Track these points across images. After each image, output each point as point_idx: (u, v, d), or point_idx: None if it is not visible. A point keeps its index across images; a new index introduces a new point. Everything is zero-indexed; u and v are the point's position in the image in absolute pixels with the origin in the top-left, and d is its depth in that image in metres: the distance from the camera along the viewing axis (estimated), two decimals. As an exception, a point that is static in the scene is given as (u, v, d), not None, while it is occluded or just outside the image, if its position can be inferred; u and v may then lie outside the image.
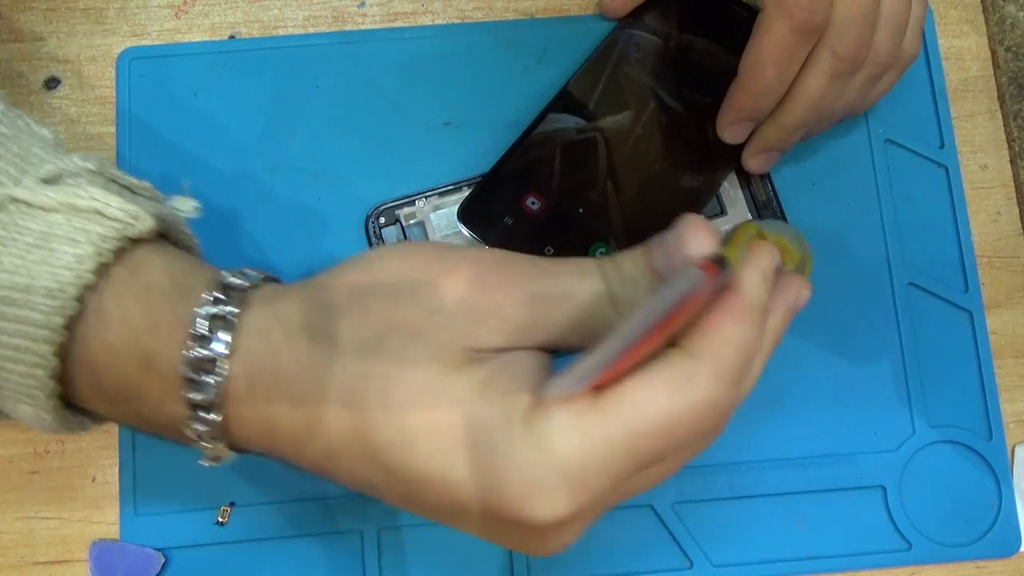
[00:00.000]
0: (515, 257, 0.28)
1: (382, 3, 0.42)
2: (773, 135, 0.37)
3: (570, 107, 0.38)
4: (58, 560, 0.37)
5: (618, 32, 0.39)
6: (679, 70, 0.39)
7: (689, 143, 0.38)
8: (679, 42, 0.39)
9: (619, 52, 0.39)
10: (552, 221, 0.37)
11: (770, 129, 0.37)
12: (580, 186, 0.37)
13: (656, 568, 0.37)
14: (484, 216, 0.37)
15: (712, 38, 0.39)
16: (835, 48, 0.34)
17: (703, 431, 0.25)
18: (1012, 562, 0.38)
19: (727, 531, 0.37)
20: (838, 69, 0.34)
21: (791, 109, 0.36)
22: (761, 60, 0.34)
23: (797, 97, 0.35)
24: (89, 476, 0.38)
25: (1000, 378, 0.39)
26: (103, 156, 0.33)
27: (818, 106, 0.35)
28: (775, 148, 0.38)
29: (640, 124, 0.38)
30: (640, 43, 0.39)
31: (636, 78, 0.39)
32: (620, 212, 0.37)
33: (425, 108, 0.40)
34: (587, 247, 0.37)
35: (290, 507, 0.37)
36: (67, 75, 0.41)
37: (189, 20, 0.41)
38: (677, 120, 0.38)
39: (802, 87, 0.35)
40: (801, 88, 0.35)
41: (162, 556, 0.36)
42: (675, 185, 0.38)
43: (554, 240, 0.37)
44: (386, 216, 0.38)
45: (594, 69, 0.39)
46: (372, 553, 0.37)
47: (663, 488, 0.37)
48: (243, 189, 0.39)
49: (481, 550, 0.37)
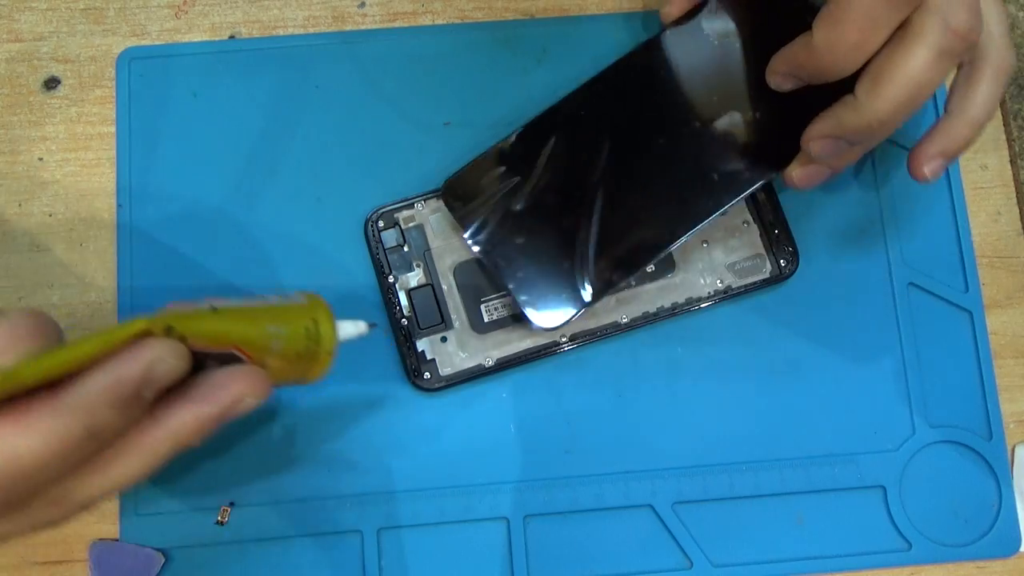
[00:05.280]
0: None
1: (382, 3, 0.42)
2: (846, 128, 0.31)
3: (589, 100, 0.37)
4: (58, 560, 0.37)
5: (663, 35, 0.38)
6: (720, 81, 0.37)
7: (704, 163, 0.37)
8: (727, 49, 0.37)
9: (659, 55, 0.38)
10: (531, 212, 0.37)
11: (839, 122, 0.31)
12: (569, 182, 0.37)
13: (656, 568, 0.37)
14: (467, 195, 0.37)
15: (767, 46, 0.36)
16: (947, 16, 0.28)
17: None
18: (1012, 562, 0.38)
19: (727, 531, 0.37)
20: (948, 45, 0.29)
21: (879, 93, 0.30)
22: (841, 18, 0.29)
23: (890, 77, 0.29)
24: (89, 476, 0.38)
25: (1000, 378, 0.39)
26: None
27: (917, 93, 0.29)
28: (833, 157, 0.33)
29: (660, 132, 0.37)
30: (685, 47, 0.37)
31: (667, 85, 0.37)
32: (600, 218, 0.37)
33: (425, 108, 0.40)
34: (562, 245, 0.37)
35: (290, 507, 0.37)
36: (67, 75, 0.41)
37: (189, 20, 0.41)
38: (699, 137, 0.37)
39: (899, 63, 0.29)
40: (899, 65, 0.29)
41: (162, 556, 0.36)
42: (671, 201, 0.37)
43: (530, 233, 0.37)
44: (385, 219, 0.38)
45: (626, 67, 0.38)
46: (372, 553, 0.37)
47: (663, 488, 0.37)
48: (242, 189, 0.39)
49: (481, 550, 0.37)
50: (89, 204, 0.39)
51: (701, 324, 0.39)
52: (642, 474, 0.38)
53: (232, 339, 0.27)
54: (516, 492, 0.37)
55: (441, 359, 0.38)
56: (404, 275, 0.38)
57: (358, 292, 0.38)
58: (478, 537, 0.37)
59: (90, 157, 0.40)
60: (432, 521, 0.37)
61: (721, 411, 0.38)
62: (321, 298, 0.30)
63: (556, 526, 0.37)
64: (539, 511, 0.37)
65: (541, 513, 0.37)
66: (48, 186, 0.40)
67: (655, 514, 0.38)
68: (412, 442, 0.38)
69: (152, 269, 0.38)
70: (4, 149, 0.40)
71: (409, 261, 0.38)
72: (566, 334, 0.38)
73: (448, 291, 0.38)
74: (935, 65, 0.29)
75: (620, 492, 0.37)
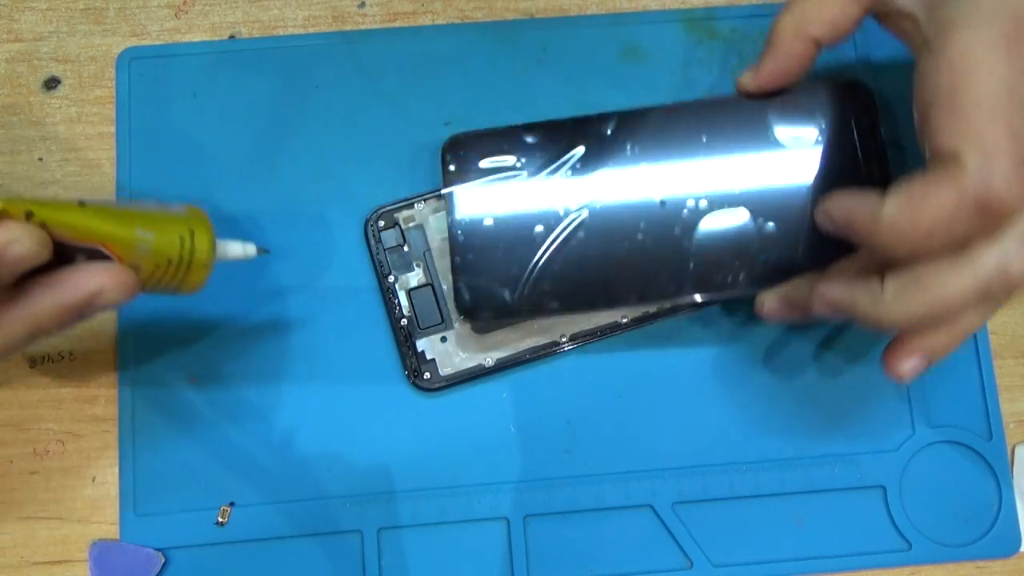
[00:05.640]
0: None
1: (382, 3, 0.42)
2: (855, 309, 0.30)
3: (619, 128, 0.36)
4: (58, 560, 0.37)
5: (724, 99, 0.36)
6: (752, 177, 0.36)
7: (691, 246, 0.35)
8: (778, 148, 0.36)
9: (706, 116, 0.36)
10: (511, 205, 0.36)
11: (852, 299, 0.30)
12: (559, 195, 0.36)
13: (656, 568, 0.37)
14: (466, 159, 0.36)
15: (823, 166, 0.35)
16: (1009, 255, 0.27)
17: None
18: (1012, 562, 0.38)
19: (727, 531, 0.37)
20: (993, 284, 0.28)
21: (907, 299, 0.29)
22: (920, 205, 0.27)
23: (926, 286, 0.28)
24: (89, 476, 0.38)
25: (1000, 378, 0.39)
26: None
27: (942, 316, 0.29)
28: (826, 316, 0.32)
29: (665, 191, 0.36)
30: (737, 125, 0.36)
31: (697, 151, 0.36)
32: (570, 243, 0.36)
33: (425, 108, 0.40)
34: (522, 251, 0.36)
35: (290, 507, 0.37)
36: (67, 75, 0.41)
37: (189, 20, 0.41)
38: (698, 216, 0.35)
39: (941, 278, 0.28)
40: (940, 280, 0.28)
41: (162, 556, 0.36)
42: (639, 263, 0.35)
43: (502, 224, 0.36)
44: (385, 219, 0.38)
45: (668, 113, 0.36)
46: (372, 553, 0.37)
47: (663, 488, 0.37)
48: (242, 189, 0.39)
49: (481, 550, 0.37)
50: (89, 204, 0.39)
51: (701, 324, 0.39)
52: (642, 474, 0.38)
53: (97, 235, 0.28)
54: (516, 492, 0.37)
55: (441, 359, 0.38)
56: (404, 275, 0.38)
57: (358, 292, 0.38)
58: (478, 537, 0.37)
59: (90, 157, 0.40)
60: (432, 521, 0.37)
61: (721, 411, 0.38)
62: (203, 212, 0.32)
63: (556, 526, 0.37)
64: (539, 511, 0.37)
65: (541, 513, 0.37)
66: (48, 186, 0.40)
67: (655, 514, 0.38)
68: (412, 442, 0.38)
69: (152, 269, 0.38)
70: (4, 149, 0.40)
71: (409, 261, 0.38)
72: (566, 333, 0.38)
73: (448, 291, 0.38)
74: (972, 297, 0.28)
75: (620, 492, 0.37)
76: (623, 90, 0.40)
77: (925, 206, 0.27)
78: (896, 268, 0.29)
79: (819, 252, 0.34)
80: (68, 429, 0.38)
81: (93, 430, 0.38)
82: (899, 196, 0.28)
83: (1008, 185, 0.26)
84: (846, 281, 0.31)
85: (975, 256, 0.28)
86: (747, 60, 0.41)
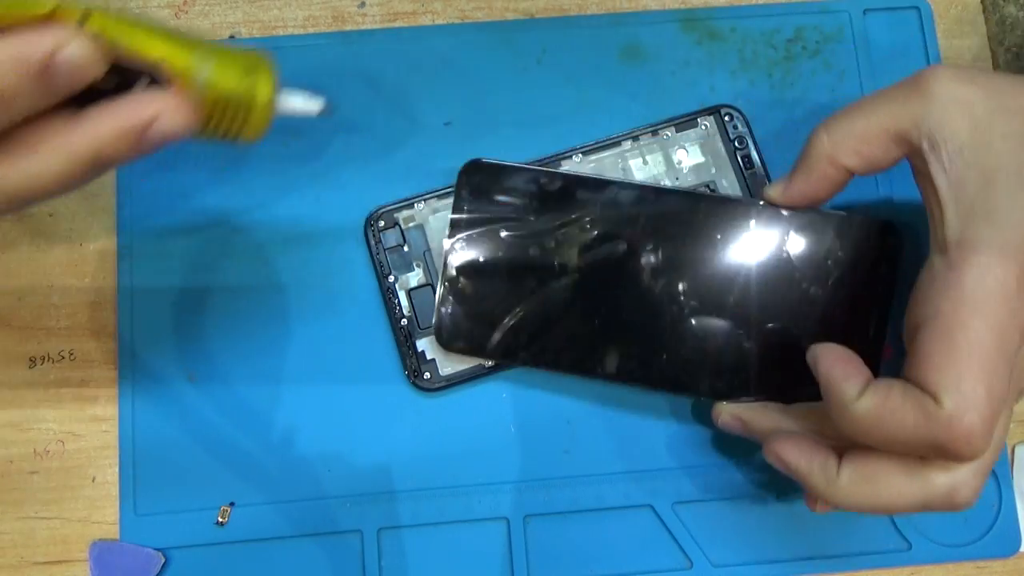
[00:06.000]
0: None
1: (382, 3, 0.42)
2: (805, 470, 0.31)
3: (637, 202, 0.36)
4: (58, 560, 0.37)
5: (746, 203, 0.36)
6: (755, 286, 0.35)
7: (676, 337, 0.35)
8: (786, 267, 0.35)
9: (721, 215, 0.36)
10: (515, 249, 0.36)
11: (809, 471, 0.31)
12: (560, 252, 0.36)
13: (656, 568, 0.37)
14: (480, 186, 0.36)
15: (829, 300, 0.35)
16: (956, 486, 0.29)
17: None
18: (1012, 562, 0.38)
19: (727, 531, 0.37)
20: (933, 501, 0.29)
21: (858, 490, 0.30)
22: (879, 425, 0.28)
23: (877, 479, 0.30)
24: (89, 476, 0.38)
25: (1000, 378, 0.39)
26: None
27: (885, 511, 0.30)
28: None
29: (661, 276, 0.36)
30: (755, 232, 0.35)
31: (705, 246, 0.36)
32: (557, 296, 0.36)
33: (425, 108, 0.40)
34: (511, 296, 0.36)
35: (290, 507, 0.37)
36: (67, 75, 0.41)
37: (189, 20, 0.41)
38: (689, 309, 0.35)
39: (891, 478, 0.30)
40: (889, 479, 0.30)
41: (162, 556, 0.36)
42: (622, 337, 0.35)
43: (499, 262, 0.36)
44: (385, 219, 0.38)
45: (685, 201, 0.36)
46: (372, 553, 0.37)
47: (663, 488, 0.37)
48: (242, 190, 0.39)
49: (481, 550, 0.37)
50: (89, 204, 0.39)
51: (701, 324, 0.39)
52: (642, 474, 0.38)
53: (156, 52, 0.27)
54: (516, 492, 0.37)
55: (441, 359, 0.38)
56: (404, 275, 0.38)
57: (358, 292, 0.38)
58: (478, 537, 0.37)
59: (90, 157, 0.40)
60: (432, 521, 0.37)
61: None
62: (268, 58, 0.30)
63: (556, 526, 0.37)
64: (539, 511, 0.37)
65: (541, 513, 0.37)
66: (48, 186, 0.40)
67: (655, 514, 0.38)
68: (412, 442, 0.38)
69: (152, 269, 0.38)
70: (4, 149, 0.40)
71: (409, 261, 0.38)
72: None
73: (448, 291, 0.38)
74: (917, 507, 0.30)
75: (620, 492, 0.37)
76: (623, 90, 0.40)
77: (894, 421, 0.28)
78: (854, 453, 0.30)
79: (793, 383, 0.34)
80: (68, 429, 0.38)
81: (93, 430, 0.38)
82: (875, 397, 0.29)
83: (973, 440, 0.27)
84: (804, 448, 0.31)
85: (929, 474, 0.29)
86: (747, 60, 0.41)
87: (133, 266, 0.38)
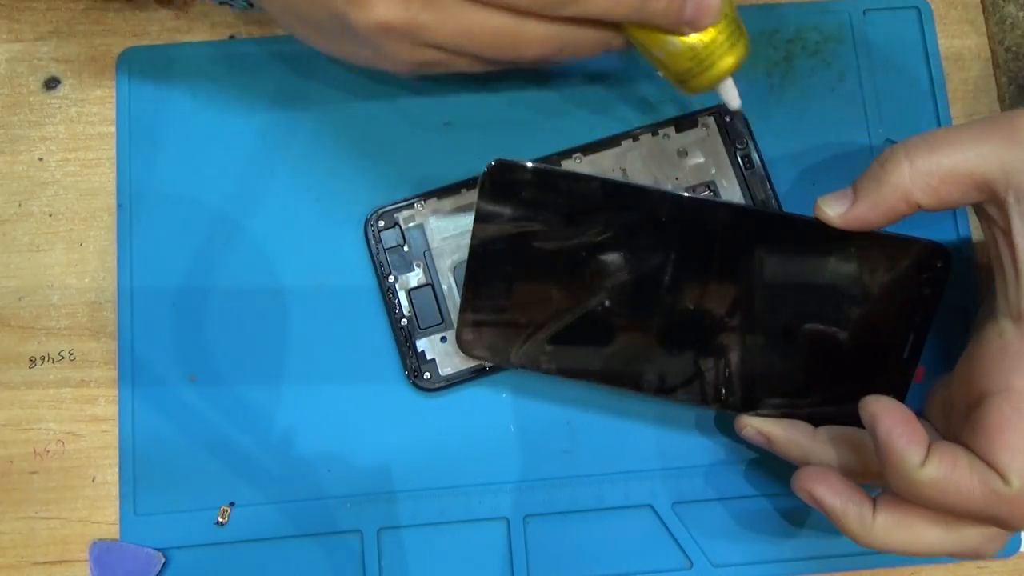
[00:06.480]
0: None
1: (382, 3, 0.41)
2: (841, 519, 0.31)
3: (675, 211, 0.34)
4: (58, 560, 0.37)
5: (799, 220, 0.34)
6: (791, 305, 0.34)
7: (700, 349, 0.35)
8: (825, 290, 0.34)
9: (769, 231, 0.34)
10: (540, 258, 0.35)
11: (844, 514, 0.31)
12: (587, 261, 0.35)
13: (656, 568, 0.37)
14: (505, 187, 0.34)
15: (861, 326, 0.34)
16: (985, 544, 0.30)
17: None
18: (1012, 562, 0.38)
19: (727, 531, 0.37)
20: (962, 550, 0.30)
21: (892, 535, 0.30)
22: (943, 491, 0.28)
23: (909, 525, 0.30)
24: (89, 476, 0.38)
25: (1000, 378, 0.39)
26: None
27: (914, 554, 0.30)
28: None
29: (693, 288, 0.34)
30: (800, 250, 0.34)
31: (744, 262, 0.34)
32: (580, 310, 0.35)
33: (425, 108, 0.40)
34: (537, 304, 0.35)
35: (290, 507, 0.37)
36: (67, 75, 0.41)
37: (189, 20, 0.41)
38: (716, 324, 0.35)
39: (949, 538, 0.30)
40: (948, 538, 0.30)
41: (162, 556, 0.36)
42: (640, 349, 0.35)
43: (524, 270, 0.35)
44: (385, 219, 0.38)
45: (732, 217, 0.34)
46: (372, 553, 0.37)
47: (663, 488, 0.37)
48: (242, 189, 0.39)
49: (481, 550, 0.37)
50: (89, 204, 0.39)
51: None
52: (642, 474, 0.38)
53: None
54: (516, 492, 0.37)
55: (441, 359, 0.38)
56: (404, 275, 0.38)
57: (358, 292, 0.38)
58: (478, 537, 0.37)
59: (90, 157, 0.40)
60: (432, 521, 0.37)
61: (721, 411, 0.38)
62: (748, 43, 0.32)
63: (556, 526, 0.37)
64: (539, 511, 0.37)
65: (541, 513, 0.37)
66: (48, 186, 0.40)
67: (655, 514, 0.38)
68: (412, 442, 0.38)
69: (152, 269, 0.38)
70: (4, 149, 0.40)
71: (409, 261, 0.38)
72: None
73: (448, 291, 0.38)
74: (943, 554, 0.30)
75: (620, 492, 0.37)
76: (623, 90, 0.40)
77: (959, 494, 0.28)
78: (889, 501, 0.30)
79: (824, 407, 0.34)
80: (68, 429, 0.38)
81: (93, 430, 0.38)
82: (941, 468, 0.28)
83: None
84: (839, 489, 0.31)
85: (964, 532, 0.30)
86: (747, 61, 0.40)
87: (133, 266, 0.38)
